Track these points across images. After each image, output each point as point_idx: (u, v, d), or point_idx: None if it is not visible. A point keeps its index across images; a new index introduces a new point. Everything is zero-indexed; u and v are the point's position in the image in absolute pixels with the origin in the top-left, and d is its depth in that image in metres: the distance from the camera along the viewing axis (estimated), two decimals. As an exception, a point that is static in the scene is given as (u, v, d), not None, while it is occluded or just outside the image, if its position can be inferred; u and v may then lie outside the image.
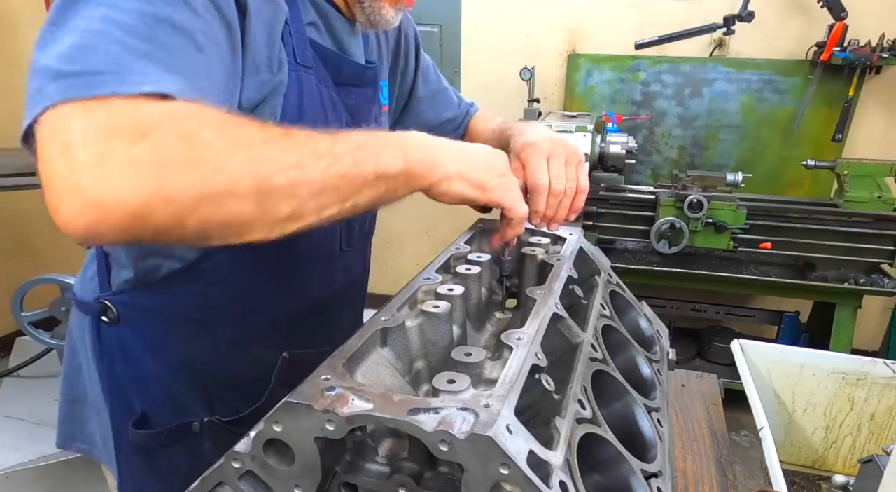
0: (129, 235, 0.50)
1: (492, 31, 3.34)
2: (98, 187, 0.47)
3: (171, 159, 0.49)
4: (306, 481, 0.53)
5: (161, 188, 0.48)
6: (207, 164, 0.50)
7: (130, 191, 0.47)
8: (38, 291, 2.22)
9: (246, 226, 0.54)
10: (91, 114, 0.49)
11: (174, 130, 0.50)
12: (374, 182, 0.62)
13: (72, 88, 0.50)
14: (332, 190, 0.58)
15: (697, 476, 1.00)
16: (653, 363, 0.87)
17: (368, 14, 0.89)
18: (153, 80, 0.52)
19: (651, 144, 3.24)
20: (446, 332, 0.72)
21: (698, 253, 2.82)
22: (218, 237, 0.54)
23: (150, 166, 0.48)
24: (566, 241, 0.98)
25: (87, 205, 0.47)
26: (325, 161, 0.57)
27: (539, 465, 0.48)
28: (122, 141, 0.48)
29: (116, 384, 0.91)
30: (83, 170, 0.47)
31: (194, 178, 0.50)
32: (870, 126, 3.02)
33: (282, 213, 0.55)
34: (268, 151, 0.54)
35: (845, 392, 1.97)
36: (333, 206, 0.59)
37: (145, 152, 0.48)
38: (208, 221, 0.51)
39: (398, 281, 1.06)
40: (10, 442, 2.20)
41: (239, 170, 0.52)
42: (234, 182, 0.51)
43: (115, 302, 0.87)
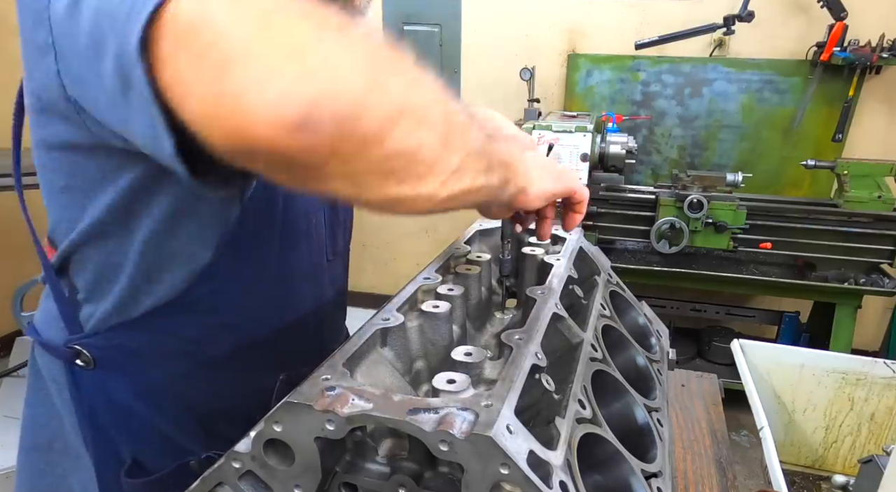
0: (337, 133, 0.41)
1: (492, 31, 3.34)
2: (324, 57, 0.40)
3: (381, 56, 0.45)
4: (306, 481, 0.53)
5: (377, 80, 0.42)
6: (409, 73, 0.46)
7: (354, 71, 0.41)
8: (38, 291, 2.22)
9: (428, 165, 0.49)
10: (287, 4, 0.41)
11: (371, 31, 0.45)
12: (500, 166, 0.60)
13: None
14: (483, 155, 0.56)
15: (697, 476, 1.00)
16: (653, 363, 0.87)
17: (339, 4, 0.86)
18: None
19: (651, 144, 3.24)
20: (446, 332, 0.72)
21: (698, 253, 2.82)
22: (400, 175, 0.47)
23: (365, 53, 0.43)
24: (566, 241, 0.98)
25: (312, 73, 0.39)
26: (476, 123, 0.55)
27: (539, 465, 0.48)
28: (332, 22, 0.42)
29: (100, 432, 0.82)
30: (303, 36, 0.40)
31: (401, 82, 0.45)
32: (870, 126, 3.02)
33: (454, 162, 0.51)
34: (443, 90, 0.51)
35: (845, 392, 1.97)
36: (481, 174, 0.56)
37: (359, 40, 0.43)
38: (404, 143, 0.45)
39: (398, 281, 1.05)
40: (10, 442, 2.20)
41: (430, 93, 0.49)
42: (430, 103, 0.48)
43: (89, 346, 0.78)
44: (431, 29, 3.39)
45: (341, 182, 0.46)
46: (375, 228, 3.79)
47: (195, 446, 0.84)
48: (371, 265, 3.83)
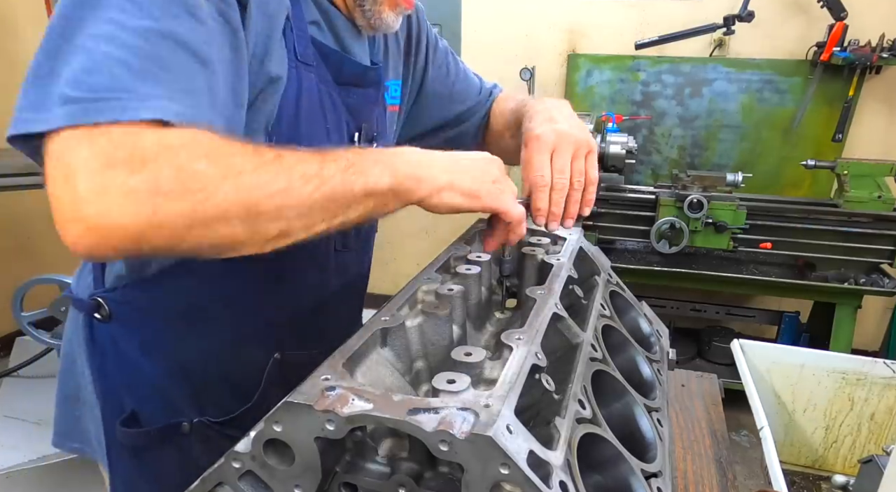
0: (127, 255, 0.55)
1: (492, 30, 3.34)
2: (99, 216, 0.52)
3: (165, 190, 0.53)
4: (306, 481, 0.53)
5: (155, 216, 0.53)
6: (199, 193, 0.54)
7: (128, 219, 0.52)
8: (38, 291, 2.22)
9: (236, 245, 0.59)
10: (94, 143, 0.53)
11: (169, 161, 0.54)
12: (363, 199, 0.65)
13: (77, 114, 0.53)
14: (320, 210, 0.62)
15: (697, 476, 1.00)
16: (653, 363, 0.87)
17: (369, 18, 0.89)
18: (153, 106, 0.55)
19: (651, 144, 3.24)
20: (446, 332, 0.72)
21: (698, 253, 2.82)
22: (211, 254, 0.59)
23: (145, 197, 0.52)
24: (566, 241, 0.98)
25: (90, 230, 0.52)
26: (313, 184, 0.61)
27: (539, 465, 0.48)
28: (120, 172, 0.52)
29: (108, 383, 0.91)
30: (85, 200, 0.52)
31: (186, 206, 0.54)
32: (870, 126, 3.02)
33: (270, 232, 0.60)
34: (257, 178, 0.58)
35: (845, 392, 1.97)
36: (322, 223, 0.63)
37: (141, 184, 0.52)
38: (200, 243, 0.56)
39: (398, 281, 1.06)
40: (9, 442, 2.20)
41: (229, 198, 0.56)
42: (224, 209, 0.56)
43: (108, 299, 0.87)
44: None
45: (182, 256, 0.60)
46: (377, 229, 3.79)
47: (189, 407, 0.91)
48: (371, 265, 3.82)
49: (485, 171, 0.76)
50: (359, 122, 0.94)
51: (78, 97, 0.54)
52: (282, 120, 0.80)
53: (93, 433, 0.97)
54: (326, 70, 0.87)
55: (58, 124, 0.53)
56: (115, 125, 0.53)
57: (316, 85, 0.85)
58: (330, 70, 0.87)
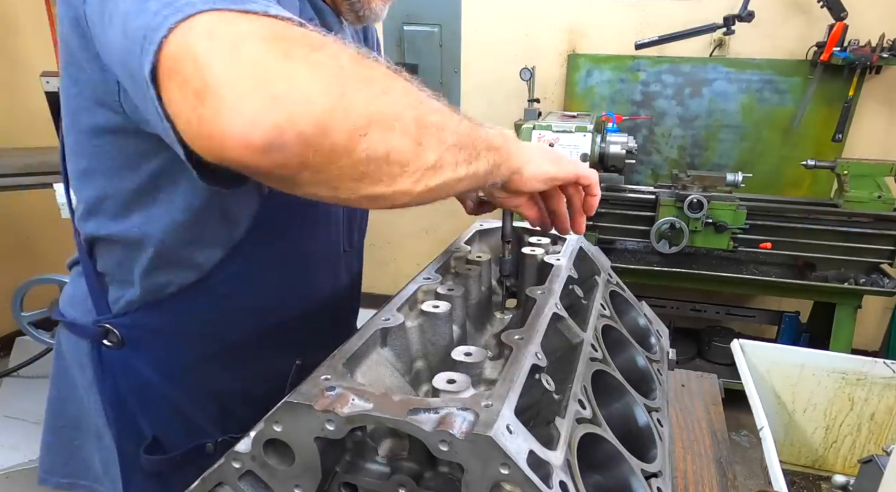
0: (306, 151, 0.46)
1: (492, 31, 3.33)
2: (288, 83, 0.44)
3: (349, 72, 0.48)
4: (306, 481, 0.53)
5: (343, 97, 0.46)
6: (377, 84, 0.50)
7: (318, 92, 0.45)
8: (38, 291, 2.22)
9: (401, 166, 0.52)
10: (256, 21, 0.46)
11: (342, 48, 0.49)
12: (488, 151, 0.64)
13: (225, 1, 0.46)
14: (465, 146, 0.59)
15: (697, 476, 1.00)
16: (653, 363, 0.87)
17: (357, 10, 0.87)
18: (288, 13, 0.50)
19: (651, 144, 3.24)
20: (446, 332, 0.72)
21: (698, 253, 2.82)
22: (374, 177, 0.51)
23: (332, 73, 0.46)
24: (566, 241, 0.98)
25: (277, 101, 0.43)
26: (457, 116, 0.59)
27: (539, 465, 0.48)
28: (299, 46, 0.46)
29: (123, 410, 0.86)
30: (269, 65, 0.44)
31: (369, 94, 0.48)
32: (870, 126, 3.02)
33: (429, 159, 0.54)
34: (417, 91, 0.54)
35: (845, 392, 1.97)
36: (463, 164, 0.59)
37: (325, 59, 0.47)
38: (374, 150, 0.49)
39: (398, 281, 1.06)
40: (9, 442, 2.20)
41: (401, 98, 0.52)
42: (400, 109, 0.51)
43: (118, 325, 0.83)
44: (431, 29, 3.39)
45: (316, 187, 0.51)
46: (376, 228, 3.78)
47: (212, 427, 0.88)
48: (371, 265, 3.81)
49: (552, 150, 0.81)
50: None
51: None
52: None
53: (97, 464, 0.93)
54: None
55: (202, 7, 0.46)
56: (268, 16, 0.47)
57: None
58: None
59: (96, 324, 0.84)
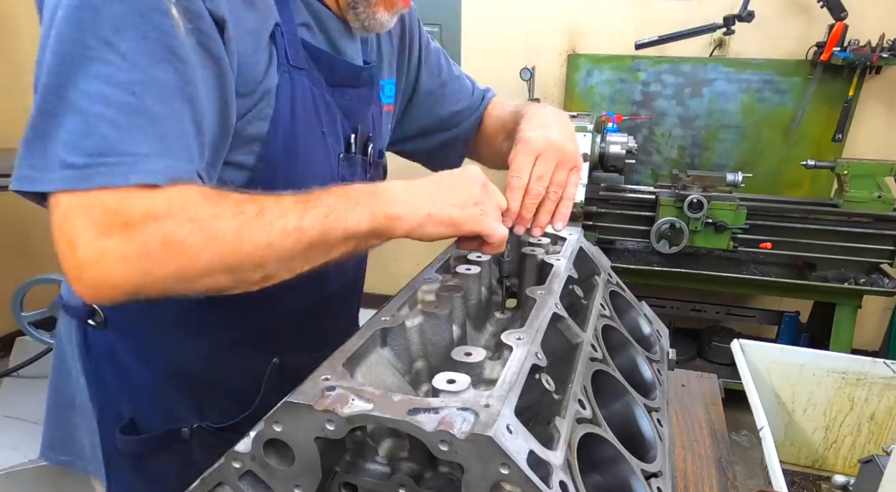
0: (126, 302, 0.63)
1: (492, 30, 3.33)
2: (98, 278, 0.60)
3: (154, 256, 0.60)
4: (306, 481, 0.53)
5: (147, 277, 0.60)
6: (184, 257, 0.61)
7: (123, 280, 0.60)
8: (38, 291, 2.22)
9: (223, 290, 0.65)
10: (89, 213, 0.59)
11: (155, 232, 0.60)
12: (344, 242, 0.69)
13: (73, 180, 0.59)
14: (301, 257, 0.67)
15: (697, 476, 1.00)
16: (653, 363, 0.87)
17: (363, 20, 0.88)
18: (142, 170, 0.61)
19: (651, 144, 3.24)
20: (446, 332, 0.72)
21: (698, 253, 2.82)
22: (202, 295, 0.65)
23: (137, 263, 0.60)
24: (566, 241, 0.98)
25: (92, 288, 0.61)
26: (293, 237, 0.65)
27: (539, 465, 0.48)
28: (114, 240, 0.59)
29: (104, 390, 0.90)
30: (86, 265, 0.59)
31: (173, 269, 0.61)
32: (870, 126, 3.02)
33: (254, 278, 0.66)
34: (239, 238, 0.63)
35: (845, 392, 1.97)
36: (304, 266, 0.68)
37: (133, 252, 0.59)
38: (190, 291, 0.63)
39: (398, 281, 1.05)
40: (9, 442, 2.20)
41: (213, 260, 0.62)
42: (210, 268, 0.62)
43: (103, 306, 0.86)
44: (431, 29, 3.38)
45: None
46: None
47: (188, 414, 0.90)
48: (371, 265, 3.82)
49: (467, 194, 0.75)
50: (354, 123, 0.93)
51: (73, 163, 0.59)
52: (277, 126, 0.79)
53: (87, 444, 0.95)
54: (318, 72, 0.86)
55: (56, 187, 0.59)
56: (108, 190, 0.59)
57: (309, 88, 0.84)
58: (322, 72, 0.86)
59: (84, 303, 0.87)
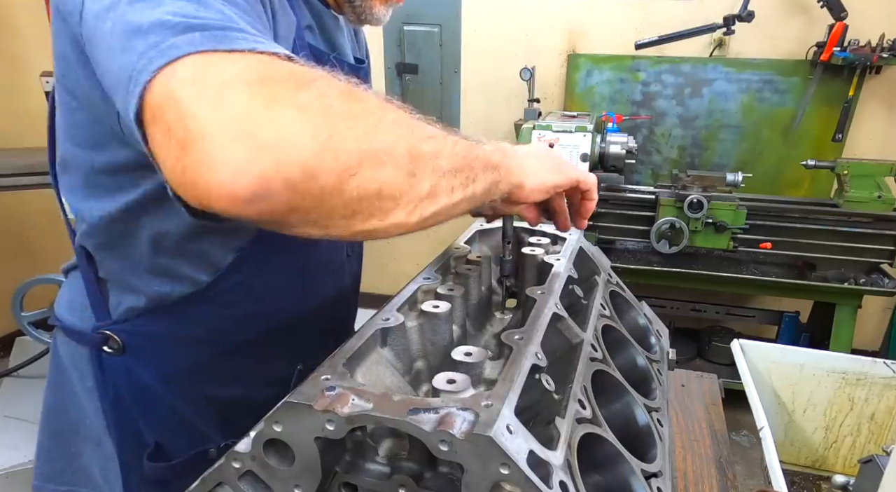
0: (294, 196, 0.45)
1: (492, 30, 3.33)
2: (274, 130, 0.43)
3: (337, 110, 0.47)
4: (306, 481, 0.53)
5: (332, 138, 0.45)
6: (367, 119, 0.48)
7: (306, 136, 0.44)
8: (38, 291, 2.22)
9: (394, 200, 0.51)
10: (239, 62, 0.45)
11: (330, 83, 0.48)
12: (485, 171, 0.62)
13: (209, 40, 0.46)
14: (462, 169, 0.58)
15: (697, 476, 1.00)
16: (653, 363, 0.87)
17: (359, 13, 0.88)
18: (276, 45, 0.50)
19: (651, 144, 3.24)
20: (446, 332, 0.72)
21: (698, 253, 2.82)
22: (365, 214, 0.50)
23: (319, 114, 0.45)
24: (566, 241, 0.98)
25: (263, 149, 0.42)
26: (451, 139, 0.58)
27: (539, 465, 0.48)
28: (286, 87, 0.45)
29: (124, 416, 0.86)
30: (254, 112, 0.43)
31: (358, 131, 0.47)
32: (870, 126, 3.02)
33: (423, 189, 0.53)
34: (410, 119, 0.53)
35: (845, 392, 1.97)
36: (459, 189, 0.58)
37: (313, 100, 0.46)
38: (365, 188, 0.48)
39: (398, 281, 1.05)
40: (9, 442, 2.20)
41: (393, 131, 0.50)
42: (391, 142, 0.50)
43: (119, 331, 0.82)
44: (431, 29, 3.39)
45: (306, 228, 0.49)
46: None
47: (214, 433, 0.88)
48: (371, 265, 3.81)
49: (553, 155, 0.80)
50: None
51: (202, 24, 0.47)
52: None
53: (97, 471, 0.91)
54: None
55: (187, 50, 0.45)
56: (255, 54, 0.47)
57: None
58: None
59: (96, 331, 0.82)
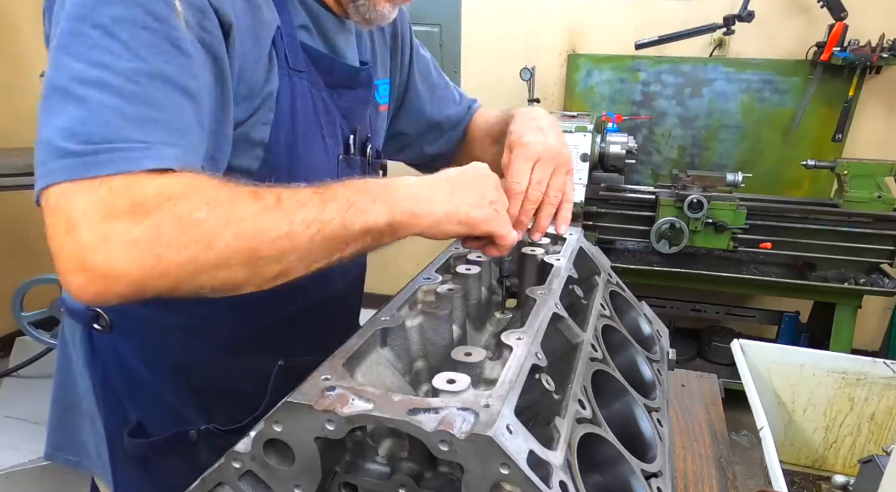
0: (130, 300, 0.56)
1: (492, 30, 3.33)
2: (102, 265, 0.52)
3: (167, 240, 0.54)
4: (306, 481, 0.53)
5: (158, 265, 0.53)
6: (201, 242, 0.55)
7: (132, 268, 0.53)
8: (38, 291, 2.22)
9: (237, 287, 0.60)
10: (94, 194, 0.53)
11: (170, 212, 0.54)
12: (362, 237, 0.66)
13: (75, 168, 0.53)
14: (319, 250, 0.63)
15: (697, 476, 1.00)
16: (653, 363, 0.87)
17: (363, 13, 0.87)
18: (153, 155, 0.56)
19: (651, 144, 3.24)
20: (446, 332, 0.72)
21: (698, 253, 2.82)
22: (210, 295, 0.59)
23: (147, 247, 0.53)
24: (566, 241, 0.98)
25: (94, 280, 0.53)
26: (313, 228, 0.61)
27: (539, 465, 0.48)
28: (122, 222, 0.53)
29: (111, 393, 0.89)
30: (89, 249, 0.52)
31: (188, 255, 0.54)
32: (870, 126, 3.02)
33: (271, 273, 0.61)
34: (259, 224, 0.58)
35: (845, 392, 1.97)
36: (321, 261, 0.64)
37: (143, 234, 0.53)
38: (201, 287, 0.57)
39: (398, 281, 1.05)
40: (9, 442, 2.20)
41: (231, 245, 0.56)
42: (227, 256, 0.56)
43: (108, 310, 0.85)
44: (431, 29, 3.39)
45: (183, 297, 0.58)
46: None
47: (195, 416, 0.90)
48: (371, 265, 3.82)
49: (482, 193, 0.74)
50: (352, 124, 0.93)
51: (76, 150, 0.54)
52: (279, 129, 0.80)
53: (91, 444, 0.95)
54: (318, 74, 0.85)
55: (57, 178, 0.53)
56: (116, 176, 0.54)
57: (308, 91, 0.84)
58: (321, 74, 0.86)
59: (88, 307, 0.86)
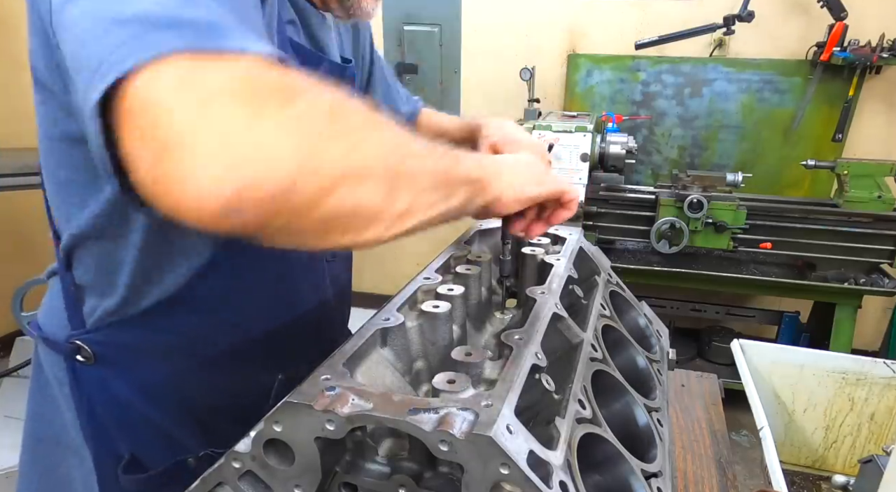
0: (268, 213, 0.44)
1: (492, 31, 3.33)
2: (255, 145, 0.41)
3: (320, 128, 0.45)
4: (306, 481, 0.53)
5: (312, 156, 0.44)
6: (350, 138, 0.47)
7: (287, 153, 0.43)
8: (38, 291, 2.21)
9: (371, 217, 0.50)
10: (229, 69, 0.43)
11: (318, 98, 0.47)
12: (464, 185, 0.63)
13: (195, 37, 0.43)
14: (441, 185, 0.58)
15: (697, 476, 1.00)
16: (653, 363, 0.87)
17: (347, 7, 0.86)
18: (267, 45, 0.48)
19: (651, 144, 3.24)
20: (446, 332, 0.72)
21: (698, 253, 2.82)
22: (341, 230, 0.49)
23: (303, 131, 0.44)
24: (566, 241, 0.98)
25: (242, 165, 0.41)
26: (434, 155, 0.58)
27: (539, 465, 0.48)
28: (272, 100, 0.43)
29: (99, 428, 0.83)
30: (238, 126, 0.41)
31: (339, 151, 0.46)
32: (870, 126, 3.02)
33: (401, 206, 0.52)
34: (395, 138, 0.53)
35: (845, 392, 1.97)
36: (437, 204, 0.58)
37: (298, 116, 0.44)
38: (342, 206, 0.47)
39: (398, 281, 1.05)
40: (9, 442, 2.19)
41: (374, 150, 0.49)
42: (371, 163, 0.49)
43: (91, 341, 0.79)
44: (431, 29, 3.39)
45: (280, 240, 0.48)
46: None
47: (193, 442, 0.85)
48: (371, 265, 3.83)
49: (538, 167, 0.81)
50: None
51: (190, 19, 0.44)
52: None
53: (78, 481, 0.87)
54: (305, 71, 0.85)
55: (170, 48, 0.42)
56: (244, 56, 0.44)
57: None
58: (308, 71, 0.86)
59: (68, 340, 0.80)
